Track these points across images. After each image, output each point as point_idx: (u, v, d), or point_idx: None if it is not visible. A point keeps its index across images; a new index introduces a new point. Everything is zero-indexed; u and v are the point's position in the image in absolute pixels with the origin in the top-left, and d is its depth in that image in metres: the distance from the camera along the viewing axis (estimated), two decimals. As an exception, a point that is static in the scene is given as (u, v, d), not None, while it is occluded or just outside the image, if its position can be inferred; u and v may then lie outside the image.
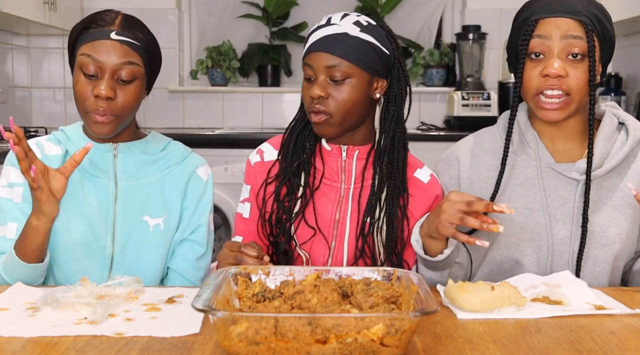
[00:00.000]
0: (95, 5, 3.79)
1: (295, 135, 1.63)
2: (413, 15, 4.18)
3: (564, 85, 1.44)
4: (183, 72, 4.20)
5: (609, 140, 1.52)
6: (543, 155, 1.54)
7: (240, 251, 1.38)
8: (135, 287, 1.34)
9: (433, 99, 4.09)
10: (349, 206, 1.60)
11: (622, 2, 3.24)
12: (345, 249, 1.59)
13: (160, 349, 1.06)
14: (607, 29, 1.46)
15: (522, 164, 1.57)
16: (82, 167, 1.55)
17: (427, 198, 1.62)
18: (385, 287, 1.15)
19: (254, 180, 1.65)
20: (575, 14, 1.43)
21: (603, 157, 1.51)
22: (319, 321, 0.95)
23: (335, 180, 1.61)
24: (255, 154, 1.68)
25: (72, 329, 1.13)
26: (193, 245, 1.65)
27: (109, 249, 1.56)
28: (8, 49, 3.82)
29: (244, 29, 4.19)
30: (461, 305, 1.25)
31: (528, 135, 1.56)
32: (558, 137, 1.55)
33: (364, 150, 1.61)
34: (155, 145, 1.64)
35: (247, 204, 1.67)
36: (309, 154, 1.62)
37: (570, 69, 1.44)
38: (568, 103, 1.46)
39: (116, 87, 1.48)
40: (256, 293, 1.15)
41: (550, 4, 1.46)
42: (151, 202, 1.59)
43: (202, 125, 4.08)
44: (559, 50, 1.44)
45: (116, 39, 1.49)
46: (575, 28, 1.43)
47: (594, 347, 1.08)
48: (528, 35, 1.46)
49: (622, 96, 3.77)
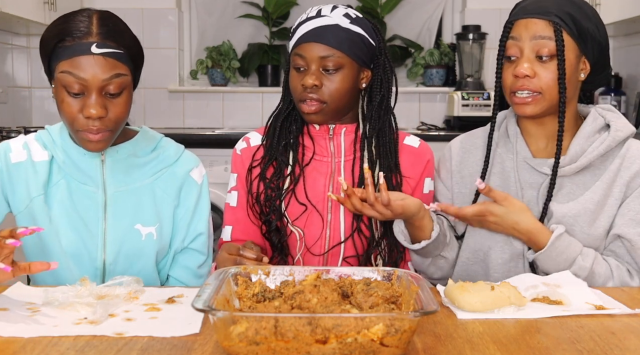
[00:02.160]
0: (95, 5, 3.79)
1: (281, 121, 1.67)
2: (413, 15, 4.18)
3: (531, 85, 1.50)
4: (183, 72, 4.20)
5: (587, 140, 1.55)
6: (520, 150, 1.60)
7: (239, 254, 1.38)
8: (135, 287, 1.34)
9: (433, 99, 4.09)
10: (342, 177, 1.63)
11: (622, 2, 3.24)
12: (342, 222, 1.63)
13: (160, 349, 1.06)
14: (584, 26, 1.49)
15: (501, 157, 1.63)
16: (69, 174, 1.51)
17: (419, 162, 1.69)
18: (385, 287, 1.15)
19: (241, 167, 1.69)
20: (545, 15, 1.48)
21: (578, 155, 1.54)
22: (319, 321, 0.95)
23: (325, 155, 1.66)
24: (241, 141, 1.72)
25: (72, 329, 1.13)
26: (194, 254, 1.62)
27: (100, 259, 1.52)
28: (8, 49, 3.82)
29: (244, 29, 4.19)
30: (461, 305, 1.25)
31: (511, 131, 1.63)
32: (540, 134, 1.59)
33: (350, 127, 1.68)
34: (145, 145, 1.57)
35: (235, 193, 1.69)
36: (295, 135, 1.67)
37: (539, 68, 1.49)
38: (538, 100, 1.50)
39: (105, 102, 1.39)
40: (256, 293, 1.15)
41: (525, 6, 1.53)
42: (143, 209, 1.54)
43: (202, 125, 4.08)
44: (529, 51, 1.50)
45: (98, 52, 1.37)
46: (544, 29, 1.48)
47: (594, 347, 1.08)
48: (504, 37, 1.54)
49: (622, 96, 3.77)
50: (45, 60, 1.45)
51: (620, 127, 1.55)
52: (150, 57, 4.81)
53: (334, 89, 1.59)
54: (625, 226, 1.52)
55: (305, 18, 1.61)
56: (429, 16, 4.19)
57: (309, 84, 1.57)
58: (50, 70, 1.44)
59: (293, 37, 1.63)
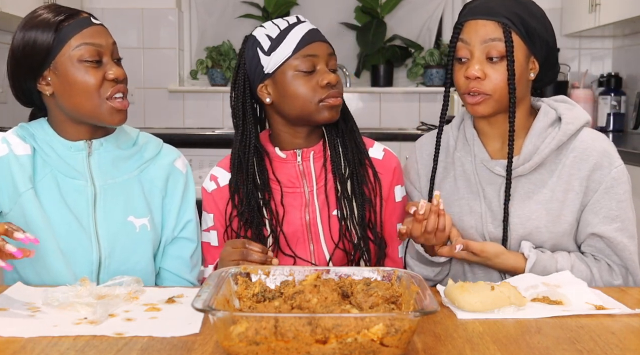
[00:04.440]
0: (95, 5, 3.79)
1: (238, 156, 1.60)
2: (413, 15, 4.18)
3: (482, 87, 1.50)
4: (183, 72, 4.20)
5: (539, 137, 1.55)
6: (478, 152, 1.60)
7: (245, 247, 1.38)
8: (135, 287, 1.34)
9: (433, 99, 4.09)
10: (316, 206, 1.60)
11: (622, 2, 3.24)
12: (324, 248, 1.60)
13: (160, 349, 1.06)
14: (532, 26, 1.49)
15: (460, 160, 1.63)
16: (56, 168, 1.50)
17: (386, 173, 1.66)
18: (385, 287, 1.15)
19: (216, 208, 1.64)
20: (494, 16, 1.49)
21: (532, 153, 1.54)
22: (319, 321, 0.95)
23: (298, 185, 1.61)
24: (209, 181, 1.66)
25: (72, 329, 1.13)
26: (185, 243, 1.62)
27: (96, 254, 1.50)
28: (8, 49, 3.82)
29: (244, 29, 4.19)
30: (461, 305, 1.25)
31: (467, 133, 1.63)
32: (495, 135, 1.60)
33: (317, 149, 1.63)
34: (126, 139, 1.58)
35: (214, 232, 1.65)
36: (265, 178, 1.59)
37: (489, 70, 1.50)
38: (487, 100, 1.51)
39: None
40: (256, 293, 1.15)
41: (474, 7, 1.53)
42: (133, 201, 1.54)
43: (202, 125, 4.08)
44: (479, 53, 1.50)
45: (97, 22, 1.49)
46: (493, 31, 1.49)
47: (594, 347, 1.08)
48: (455, 38, 1.54)
49: (622, 96, 3.77)
50: (41, 52, 1.44)
51: (570, 119, 1.54)
52: (150, 57, 4.79)
53: (342, 88, 1.60)
54: (601, 224, 1.52)
55: (288, 25, 1.58)
56: (429, 16, 4.19)
57: (333, 81, 1.55)
58: (47, 61, 1.44)
59: (282, 44, 1.56)
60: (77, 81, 1.44)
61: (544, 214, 1.53)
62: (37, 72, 1.46)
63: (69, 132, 1.51)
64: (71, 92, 1.45)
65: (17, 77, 1.50)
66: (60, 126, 1.51)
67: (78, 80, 1.44)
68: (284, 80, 1.56)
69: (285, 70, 1.55)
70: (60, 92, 1.46)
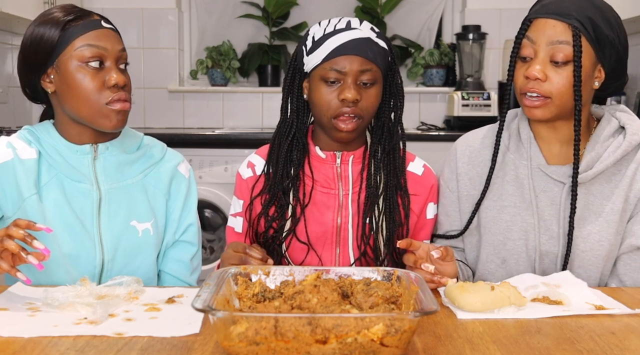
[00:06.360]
0: (95, 5, 3.79)
1: (286, 148, 1.60)
2: (413, 15, 4.18)
3: (541, 89, 1.45)
4: (183, 72, 4.19)
5: (602, 144, 1.51)
6: (534, 156, 1.54)
7: (245, 253, 1.39)
8: (135, 287, 1.34)
9: (433, 99, 4.09)
10: (349, 211, 1.59)
11: (622, 2, 3.23)
12: (351, 253, 1.59)
13: (160, 349, 1.06)
14: (603, 32, 1.43)
15: (514, 162, 1.57)
16: (61, 172, 1.50)
17: (423, 190, 1.64)
18: (385, 287, 1.15)
19: (247, 195, 1.63)
20: (565, 17, 1.42)
21: (594, 160, 1.50)
22: (319, 321, 0.95)
23: (333, 187, 1.61)
24: (246, 167, 1.66)
25: (72, 329, 1.13)
26: (185, 246, 1.63)
27: (99, 258, 1.50)
28: (8, 49, 3.82)
29: (244, 29, 4.19)
30: (461, 305, 1.25)
31: (523, 135, 1.57)
32: (553, 139, 1.55)
33: (358, 154, 1.62)
34: (131, 143, 1.58)
35: (240, 219, 1.65)
36: (297, 167, 1.60)
37: (552, 73, 1.44)
38: (548, 104, 1.46)
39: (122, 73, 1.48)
40: (256, 293, 1.15)
41: (546, 4, 1.46)
42: (136, 205, 1.54)
43: (202, 125, 4.08)
44: (544, 54, 1.44)
45: (107, 26, 1.48)
46: (562, 33, 1.42)
47: (594, 347, 1.08)
48: (521, 34, 1.47)
49: (622, 96, 3.76)
50: (45, 49, 1.45)
51: (636, 130, 1.50)
52: (150, 57, 4.80)
53: (370, 104, 1.54)
54: None
55: (332, 30, 1.53)
56: (429, 16, 4.19)
57: (350, 98, 1.49)
58: (51, 58, 1.45)
59: (318, 49, 1.53)
60: (76, 82, 1.45)
61: (605, 226, 1.49)
62: (41, 68, 1.47)
63: (74, 135, 1.51)
64: (71, 92, 1.45)
65: (23, 71, 1.52)
66: (65, 129, 1.52)
67: (77, 81, 1.45)
68: (310, 85, 1.58)
69: (314, 75, 1.56)
70: (61, 91, 1.47)
